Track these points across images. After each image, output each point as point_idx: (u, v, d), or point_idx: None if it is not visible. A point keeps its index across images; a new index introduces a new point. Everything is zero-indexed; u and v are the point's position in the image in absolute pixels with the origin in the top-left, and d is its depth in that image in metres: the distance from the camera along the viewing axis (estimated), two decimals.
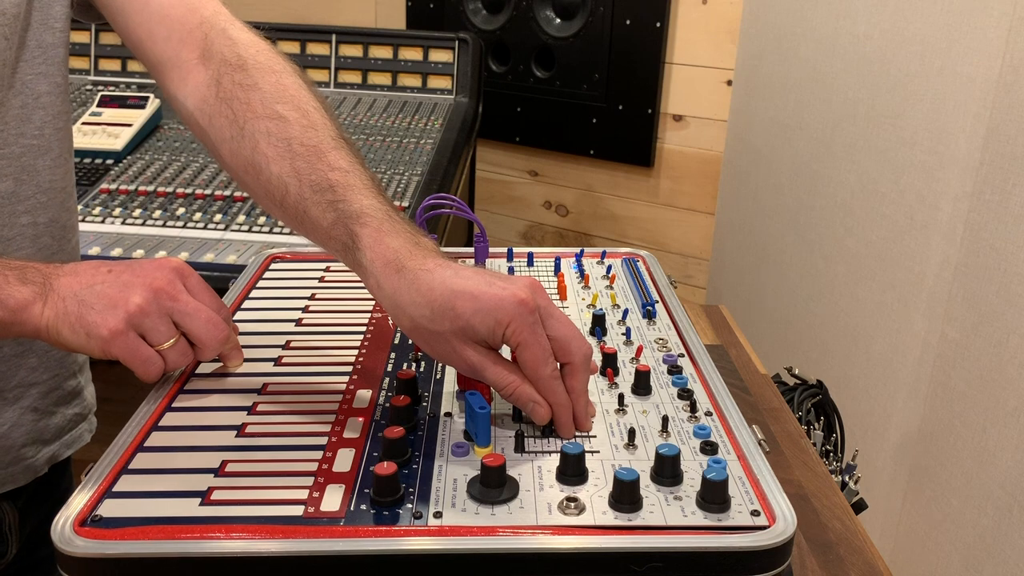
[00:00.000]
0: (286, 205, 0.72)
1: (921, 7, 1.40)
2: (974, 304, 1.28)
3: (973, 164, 1.27)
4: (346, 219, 0.68)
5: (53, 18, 0.79)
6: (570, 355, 0.65)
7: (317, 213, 0.69)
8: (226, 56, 0.77)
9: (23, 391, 0.85)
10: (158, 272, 0.69)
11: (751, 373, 1.09)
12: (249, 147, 0.73)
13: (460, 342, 0.64)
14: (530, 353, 0.64)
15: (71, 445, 0.93)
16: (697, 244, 2.31)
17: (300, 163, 0.71)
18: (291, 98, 0.75)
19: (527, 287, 0.64)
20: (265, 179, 0.72)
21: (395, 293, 0.64)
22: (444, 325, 0.63)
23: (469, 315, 0.62)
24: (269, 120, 0.73)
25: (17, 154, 0.78)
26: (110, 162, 1.57)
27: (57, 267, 0.69)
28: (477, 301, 0.62)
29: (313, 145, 0.72)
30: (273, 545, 0.54)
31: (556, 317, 0.65)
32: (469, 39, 1.94)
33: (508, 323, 0.62)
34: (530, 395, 0.65)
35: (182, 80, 0.79)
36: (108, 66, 1.95)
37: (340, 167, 0.71)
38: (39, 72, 0.79)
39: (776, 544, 0.55)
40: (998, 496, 1.24)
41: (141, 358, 0.67)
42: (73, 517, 0.56)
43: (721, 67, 2.13)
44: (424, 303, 0.63)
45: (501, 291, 0.63)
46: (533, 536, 0.55)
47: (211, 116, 0.76)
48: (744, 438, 0.66)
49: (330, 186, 0.69)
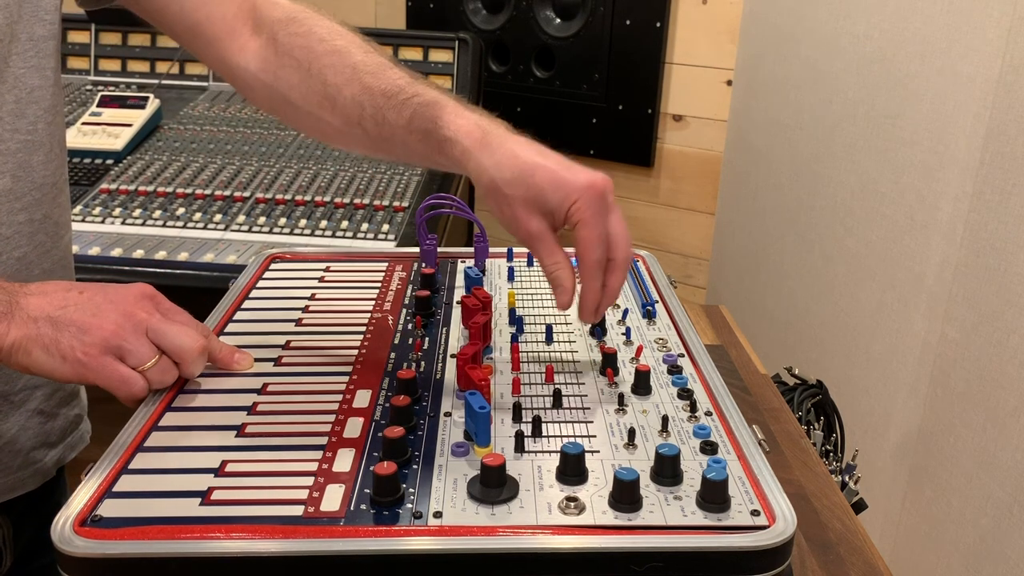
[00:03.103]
0: (364, 121, 0.79)
1: (921, 7, 1.40)
2: (974, 304, 1.28)
3: (973, 164, 1.27)
4: (424, 108, 0.75)
5: (43, 10, 0.79)
6: (616, 252, 0.71)
7: (394, 116, 0.76)
8: (276, 16, 0.84)
9: (29, 393, 0.84)
10: (130, 297, 0.70)
11: (751, 373, 1.09)
12: (319, 83, 0.80)
13: (527, 210, 0.71)
14: (588, 232, 0.70)
15: (75, 447, 0.93)
16: (697, 244, 2.31)
17: (368, 79, 0.78)
18: (344, 34, 0.83)
19: (601, 178, 0.71)
20: (341, 106, 0.80)
21: (480, 156, 0.71)
22: (519, 191, 0.70)
23: (544, 186, 0.69)
24: (331, 55, 0.81)
25: (13, 150, 0.78)
26: (110, 162, 1.57)
27: (23, 286, 0.68)
28: (555, 175, 0.70)
29: (376, 63, 0.80)
30: (273, 545, 0.54)
31: (616, 215, 0.72)
32: (469, 39, 1.94)
33: (576, 200, 0.69)
34: (565, 279, 0.72)
35: (240, 50, 0.85)
36: (108, 66, 1.95)
37: (403, 76, 0.79)
38: (31, 65, 0.78)
39: (776, 544, 0.55)
40: (998, 496, 1.24)
41: (120, 378, 0.66)
42: (73, 517, 0.56)
43: (721, 67, 2.13)
44: (507, 167, 0.70)
45: (578, 173, 0.70)
46: (533, 536, 0.55)
47: (275, 70, 0.83)
48: (744, 438, 0.66)
49: (400, 88, 0.77)
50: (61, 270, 0.87)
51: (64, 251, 0.88)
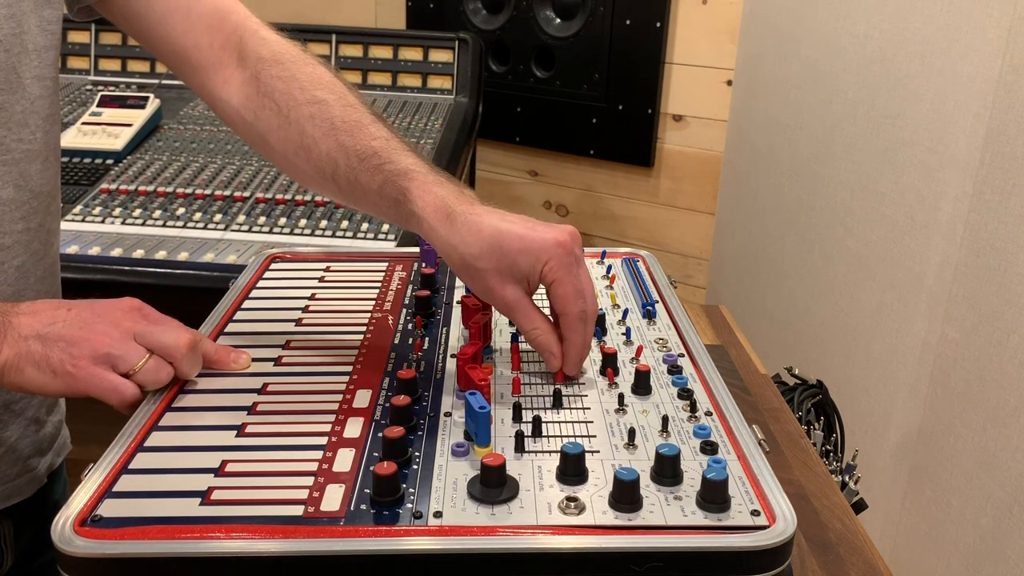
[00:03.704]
0: (337, 178, 0.78)
1: (921, 7, 1.40)
2: (974, 304, 1.28)
3: (973, 164, 1.27)
4: (395, 177, 0.75)
5: (46, 20, 0.79)
6: (587, 303, 0.73)
7: (366, 179, 0.76)
8: (261, 54, 0.83)
9: (27, 402, 0.85)
10: (117, 310, 0.71)
11: (751, 373, 1.09)
12: (296, 132, 0.80)
13: (501, 279, 0.71)
14: (563, 289, 0.71)
15: (60, 452, 0.94)
16: (697, 244, 2.31)
17: (344, 137, 0.78)
18: (327, 84, 0.82)
19: (568, 233, 0.72)
20: (315, 158, 0.79)
21: (447, 235, 0.72)
22: (490, 263, 0.71)
23: (514, 253, 0.70)
24: (311, 105, 0.80)
25: (17, 159, 0.78)
26: (110, 162, 1.57)
27: (14, 305, 0.69)
28: (522, 240, 0.70)
29: (354, 120, 0.79)
30: (273, 545, 0.54)
31: (584, 267, 0.73)
32: (469, 39, 1.94)
33: (547, 261, 0.70)
34: (552, 344, 0.73)
35: (224, 82, 0.84)
36: (108, 66, 1.95)
37: (380, 136, 0.78)
38: (35, 75, 0.79)
39: (776, 544, 0.55)
40: (998, 496, 1.24)
41: (111, 386, 0.67)
42: (73, 517, 0.56)
43: (721, 67, 2.13)
44: (474, 242, 0.71)
45: (544, 233, 0.71)
46: (533, 536, 0.55)
47: (256, 110, 0.82)
48: (744, 438, 0.65)
49: (374, 152, 0.77)
50: (51, 277, 0.87)
51: (53, 258, 0.89)
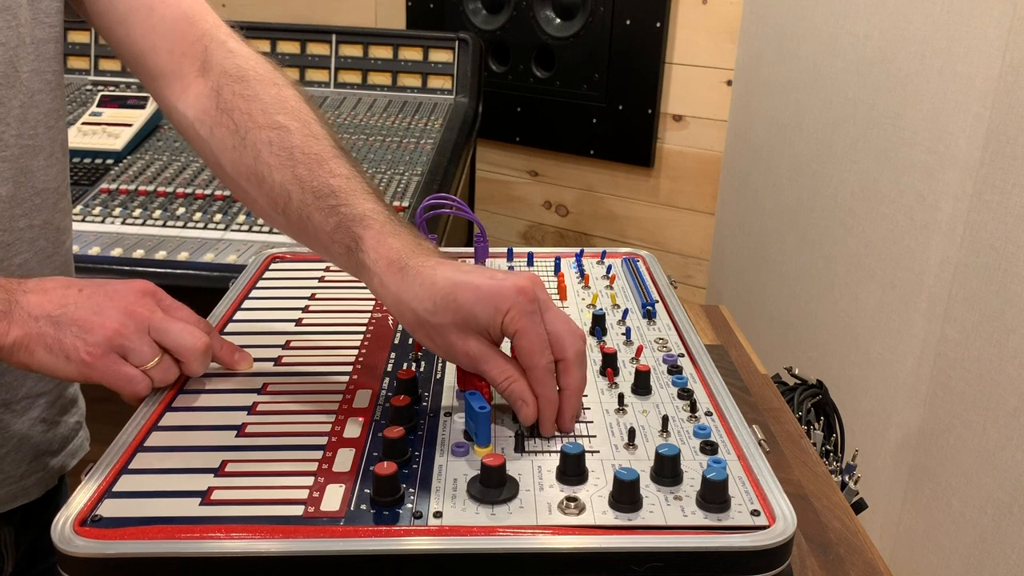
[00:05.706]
0: (288, 212, 0.73)
1: (921, 7, 1.40)
2: (974, 304, 1.28)
3: (973, 164, 1.27)
4: (349, 222, 0.69)
5: (44, 12, 0.78)
6: (564, 351, 0.66)
7: (320, 218, 0.70)
8: (226, 68, 0.78)
9: (31, 402, 0.84)
10: (131, 294, 0.69)
11: (751, 373, 1.09)
12: (251, 156, 0.74)
13: (461, 334, 0.65)
14: (527, 341, 0.64)
15: (75, 454, 0.92)
16: (697, 244, 2.31)
17: (302, 170, 0.72)
18: (291, 109, 0.76)
19: (527, 278, 0.65)
20: (268, 187, 0.73)
21: (399, 290, 0.66)
22: (447, 317, 0.65)
23: (471, 304, 0.64)
24: (271, 130, 0.74)
25: (16, 156, 0.77)
26: (110, 162, 1.57)
27: (21, 282, 0.67)
28: (478, 291, 0.64)
29: (315, 153, 0.73)
30: (273, 545, 0.54)
31: (553, 312, 0.66)
32: (469, 39, 1.94)
33: (507, 310, 0.64)
34: (522, 392, 0.65)
35: (183, 91, 0.79)
36: (108, 66, 1.95)
37: (341, 174, 0.72)
38: (33, 69, 0.77)
39: (776, 544, 0.55)
40: (998, 496, 1.24)
41: (125, 378, 0.66)
42: (73, 517, 0.56)
43: (721, 67, 2.13)
44: (427, 296, 0.65)
45: (502, 281, 0.64)
46: (533, 536, 0.55)
47: (212, 126, 0.77)
48: (744, 438, 0.66)
49: (332, 191, 0.71)
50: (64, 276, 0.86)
51: (65, 256, 0.87)
